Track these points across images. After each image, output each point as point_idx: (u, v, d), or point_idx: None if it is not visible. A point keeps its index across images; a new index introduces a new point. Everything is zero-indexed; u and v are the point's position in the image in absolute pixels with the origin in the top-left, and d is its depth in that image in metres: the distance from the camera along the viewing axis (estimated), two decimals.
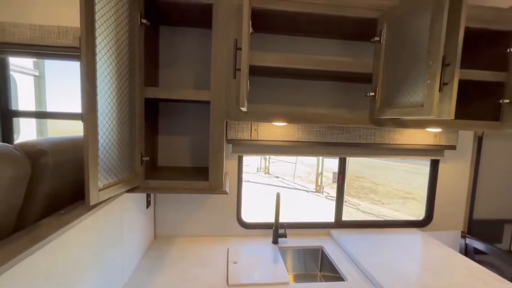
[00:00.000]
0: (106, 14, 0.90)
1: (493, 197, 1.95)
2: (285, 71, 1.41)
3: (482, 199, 1.93)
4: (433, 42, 0.96)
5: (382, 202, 8.38)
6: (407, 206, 8.23)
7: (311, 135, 1.63)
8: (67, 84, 2.22)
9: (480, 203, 1.93)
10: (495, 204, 1.95)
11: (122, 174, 1.05)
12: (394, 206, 8.17)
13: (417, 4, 1.04)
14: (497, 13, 1.32)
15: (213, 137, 1.22)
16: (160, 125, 1.60)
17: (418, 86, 1.03)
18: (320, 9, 1.22)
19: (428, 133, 1.73)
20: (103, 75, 0.90)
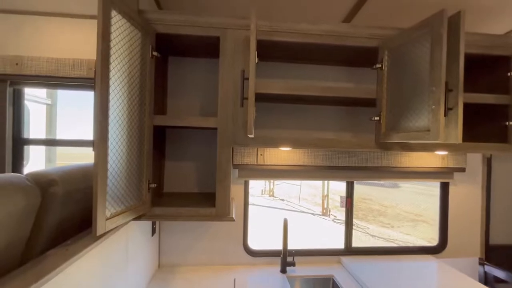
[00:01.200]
0: (120, 49, 0.95)
1: (509, 221, 1.88)
2: (290, 97, 1.44)
3: (497, 223, 1.86)
4: (435, 70, 0.99)
5: (392, 225, 8.10)
6: (418, 229, 7.93)
7: (317, 159, 1.63)
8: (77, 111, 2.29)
9: (495, 227, 1.85)
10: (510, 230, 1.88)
11: (130, 202, 1.04)
12: (405, 229, 7.88)
13: (417, 34, 1.08)
14: (494, 39, 1.36)
15: (220, 163, 1.22)
16: (167, 150, 1.62)
17: (423, 111, 1.04)
18: (322, 40, 1.28)
19: (436, 155, 1.72)
20: (115, 105, 0.93)
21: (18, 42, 1.53)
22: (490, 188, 1.83)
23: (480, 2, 1.39)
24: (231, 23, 1.20)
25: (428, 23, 1.02)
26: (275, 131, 1.63)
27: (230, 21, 1.20)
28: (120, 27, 0.95)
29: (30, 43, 1.52)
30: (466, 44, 1.35)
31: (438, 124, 0.97)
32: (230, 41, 1.21)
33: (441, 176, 1.75)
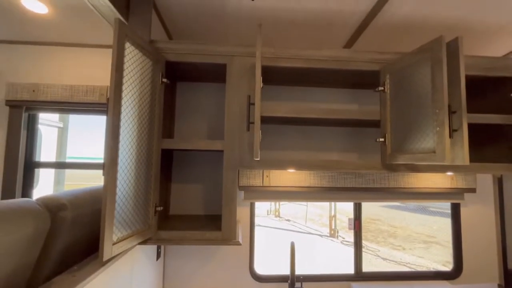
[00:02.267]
0: (132, 77, 1.00)
1: None
2: (296, 119, 1.47)
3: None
4: (437, 92, 1.01)
5: (403, 247, 7.78)
6: (431, 251, 7.59)
7: (323, 180, 1.62)
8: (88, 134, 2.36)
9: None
10: None
11: (136, 226, 1.05)
12: (417, 251, 7.54)
13: (417, 59, 1.12)
14: (494, 62, 1.39)
15: (226, 186, 1.23)
16: (174, 173, 1.63)
17: (428, 133, 1.05)
18: (325, 64, 1.32)
19: (444, 175, 1.69)
20: (126, 130, 0.97)
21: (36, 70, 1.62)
22: (503, 209, 1.78)
23: (476, 26, 1.44)
24: (237, 51, 1.26)
25: (428, 48, 1.06)
26: (281, 152, 1.64)
27: (236, 49, 1.26)
28: (133, 57, 1.01)
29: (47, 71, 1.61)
30: (467, 67, 1.39)
31: (443, 145, 0.97)
32: (236, 67, 1.26)
33: (451, 196, 1.71)
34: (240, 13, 1.35)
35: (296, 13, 1.34)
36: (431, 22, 1.40)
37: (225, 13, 1.35)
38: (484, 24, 1.42)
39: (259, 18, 1.39)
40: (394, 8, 1.28)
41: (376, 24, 1.42)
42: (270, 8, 1.30)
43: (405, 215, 11.70)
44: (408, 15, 1.34)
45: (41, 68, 1.63)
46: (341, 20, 1.40)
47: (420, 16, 1.35)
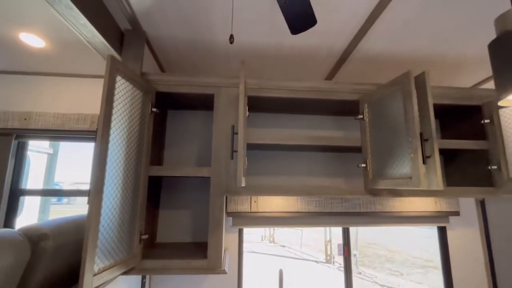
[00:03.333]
0: (122, 108, 1.05)
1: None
2: (282, 146, 1.52)
3: (502, 267, 1.78)
4: (409, 122, 1.08)
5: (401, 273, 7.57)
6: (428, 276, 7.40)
7: (310, 205, 1.64)
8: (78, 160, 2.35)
9: (502, 272, 1.77)
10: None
11: (120, 256, 1.03)
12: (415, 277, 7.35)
13: (390, 90, 1.21)
14: (463, 92, 1.50)
15: (212, 212, 1.24)
16: (162, 199, 1.63)
17: (404, 159, 1.10)
18: (307, 95, 1.41)
19: (428, 199, 1.74)
20: (113, 159, 0.99)
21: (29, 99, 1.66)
22: (488, 231, 1.80)
23: (442, 60, 1.57)
24: (224, 82, 1.34)
25: (399, 82, 1.15)
26: (268, 178, 1.67)
27: (223, 81, 1.34)
28: (124, 89, 1.07)
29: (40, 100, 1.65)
30: (440, 96, 1.49)
31: (418, 171, 1.02)
32: (224, 97, 1.33)
33: (436, 220, 1.74)
34: (228, 48, 1.45)
35: (281, 48, 1.45)
36: (403, 58, 1.53)
37: (214, 48, 1.45)
38: (449, 59, 1.55)
39: (247, 53, 1.49)
40: (368, 45, 1.40)
41: (354, 58, 1.54)
42: (257, 44, 1.41)
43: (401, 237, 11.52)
44: (382, 51, 1.46)
45: (35, 97, 1.68)
46: (322, 55, 1.51)
47: (392, 52, 1.47)
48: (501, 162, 1.38)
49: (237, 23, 1.24)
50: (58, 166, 2.53)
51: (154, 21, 1.23)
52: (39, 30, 1.31)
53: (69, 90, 1.67)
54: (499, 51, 0.67)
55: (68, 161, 7.32)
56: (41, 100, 1.67)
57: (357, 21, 1.23)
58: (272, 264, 7.64)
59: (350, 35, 1.34)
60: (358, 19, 1.21)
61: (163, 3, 1.13)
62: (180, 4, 1.13)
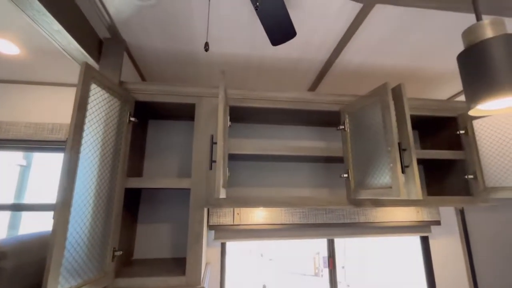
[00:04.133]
0: (97, 116, 1.01)
1: (495, 272, 1.83)
2: (265, 157, 1.50)
3: (483, 274, 1.80)
4: (388, 132, 1.10)
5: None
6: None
7: (294, 216, 1.62)
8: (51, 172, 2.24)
9: (483, 279, 1.79)
10: (500, 280, 1.81)
11: (89, 274, 0.96)
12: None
13: (369, 101, 1.23)
14: (440, 104, 1.56)
15: (192, 226, 1.19)
16: (141, 212, 1.56)
17: (384, 169, 1.11)
18: (289, 105, 1.41)
19: (410, 209, 1.75)
20: (84, 170, 0.94)
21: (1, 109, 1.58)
22: (468, 239, 1.83)
23: (419, 73, 1.63)
24: (206, 92, 1.33)
25: (377, 93, 1.17)
26: (252, 189, 1.64)
27: (204, 90, 1.33)
28: (99, 97, 1.03)
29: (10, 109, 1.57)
30: (418, 108, 1.54)
31: (397, 181, 1.03)
32: (205, 107, 1.31)
33: (419, 230, 1.75)
34: (210, 59, 1.45)
35: (264, 59, 1.46)
36: (383, 71, 1.58)
37: (196, 59, 1.44)
38: (426, 73, 1.62)
39: (229, 63, 1.49)
40: (348, 57, 1.44)
41: (335, 70, 1.57)
42: (240, 55, 1.41)
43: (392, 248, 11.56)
44: (361, 64, 1.51)
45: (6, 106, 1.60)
46: (304, 67, 1.54)
47: (372, 65, 1.52)
48: (477, 172, 1.42)
49: (219, 34, 1.25)
50: (31, 178, 2.39)
51: (134, 30, 1.22)
52: (13, 36, 1.26)
53: (43, 99, 1.60)
54: (466, 62, 0.70)
55: (44, 173, 6.95)
56: (12, 109, 1.59)
57: (336, 35, 1.26)
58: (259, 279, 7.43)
59: (330, 48, 1.37)
60: (336, 34, 1.25)
61: (143, 13, 1.12)
62: (159, 14, 1.12)
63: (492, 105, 0.71)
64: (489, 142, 1.39)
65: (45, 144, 1.56)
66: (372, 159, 1.19)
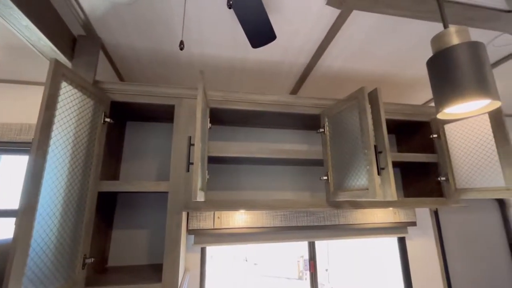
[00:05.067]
0: (67, 116, 0.96)
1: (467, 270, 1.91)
2: (246, 159, 1.49)
3: (456, 273, 1.88)
4: (364, 135, 1.12)
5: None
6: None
7: (276, 219, 1.61)
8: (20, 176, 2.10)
9: (456, 278, 1.86)
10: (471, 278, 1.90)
11: (55, 284, 0.90)
12: None
13: (347, 105, 1.26)
14: (415, 108, 1.62)
15: (170, 230, 1.16)
16: (117, 217, 1.49)
17: (361, 171, 1.14)
18: (270, 108, 1.42)
19: (388, 210, 1.80)
20: (52, 173, 0.89)
21: None
22: (442, 239, 1.91)
23: (397, 79, 1.69)
24: (186, 93, 1.30)
25: (354, 97, 1.20)
26: (232, 192, 1.62)
27: (185, 92, 1.30)
28: (70, 96, 0.98)
29: None
30: (393, 112, 1.59)
31: (373, 182, 1.05)
32: (185, 109, 1.29)
33: (396, 231, 1.80)
34: (193, 60, 1.43)
35: (246, 62, 1.46)
36: (362, 76, 1.62)
37: (177, 59, 1.42)
38: (403, 78, 1.68)
39: (211, 65, 1.48)
40: (328, 62, 1.47)
41: (316, 74, 1.60)
42: (222, 57, 1.40)
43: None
44: (341, 68, 1.54)
45: None
46: (285, 70, 1.56)
47: (351, 69, 1.56)
48: (449, 174, 1.49)
49: (199, 35, 1.23)
50: None
51: (110, 28, 1.18)
52: None
53: (11, 98, 1.51)
54: (434, 68, 0.73)
55: (12, 177, 6.38)
56: None
57: (316, 40, 1.29)
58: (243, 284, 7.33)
59: (310, 52, 1.39)
60: (316, 38, 1.27)
61: (119, 11, 1.08)
62: (137, 13, 1.09)
63: (458, 109, 0.74)
64: (460, 146, 1.46)
65: (13, 146, 1.46)
66: (350, 161, 1.21)
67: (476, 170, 1.37)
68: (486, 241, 2.00)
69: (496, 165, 1.29)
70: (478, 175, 1.36)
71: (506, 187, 1.25)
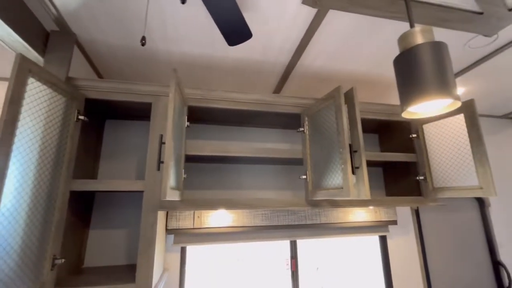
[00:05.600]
0: (35, 113, 0.94)
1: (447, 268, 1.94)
2: (227, 158, 1.48)
3: (436, 272, 1.91)
4: (340, 134, 1.13)
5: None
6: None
7: (256, 218, 1.61)
8: None
9: (435, 276, 1.89)
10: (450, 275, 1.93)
11: (20, 286, 0.88)
12: None
13: (325, 104, 1.26)
14: (395, 108, 1.64)
15: (144, 230, 1.14)
16: (94, 217, 1.47)
17: (337, 170, 1.14)
18: (251, 107, 1.41)
19: (369, 209, 1.82)
20: (17, 171, 0.86)
21: None
22: (423, 239, 1.93)
23: (378, 79, 1.71)
24: (163, 91, 1.29)
25: (331, 96, 1.21)
26: (212, 192, 1.60)
27: (161, 89, 1.29)
28: (38, 93, 0.96)
29: None
30: (375, 112, 1.60)
31: (348, 182, 1.06)
32: (162, 106, 1.27)
33: (377, 229, 1.82)
34: (171, 58, 1.42)
35: (226, 60, 1.46)
36: (342, 74, 1.63)
37: (155, 57, 1.40)
38: (385, 79, 1.70)
39: (190, 63, 1.46)
40: (309, 61, 1.48)
41: (297, 73, 1.60)
42: (202, 55, 1.39)
43: None
44: (322, 68, 1.55)
45: None
46: (267, 69, 1.55)
47: (332, 69, 1.56)
48: (427, 173, 1.51)
49: (176, 33, 1.22)
50: None
51: (84, 23, 1.15)
52: None
53: None
54: (400, 67, 0.73)
55: None
56: None
57: (295, 38, 1.29)
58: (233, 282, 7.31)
59: (290, 51, 1.39)
60: (295, 36, 1.27)
61: (92, 6, 1.06)
62: (110, 8, 1.07)
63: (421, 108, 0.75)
64: (437, 145, 1.49)
65: None
66: (327, 160, 1.21)
67: (453, 169, 1.40)
68: (466, 240, 2.04)
69: (471, 165, 1.32)
70: (454, 174, 1.38)
71: (480, 186, 1.27)
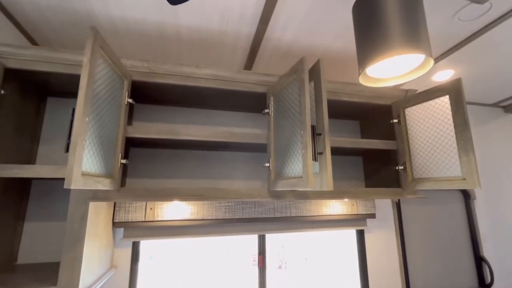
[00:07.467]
0: None
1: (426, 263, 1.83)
2: (182, 143, 1.31)
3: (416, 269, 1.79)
4: (302, 114, 0.96)
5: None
6: None
7: (218, 211, 1.45)
8: None
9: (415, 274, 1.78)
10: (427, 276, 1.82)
11: None
12: None
13: (289, 80, 1.08)
14: (375, 90, 1.47)
15: (71, 223, 0.97)
16: (30, 208, 1.29)
17: (297, 157, 0.97)
18: (207, 83, 1.23)
19: (346, 202, 1.67)
20: None
21: None
22: (403, 233, 1.81)
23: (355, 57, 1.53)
24: None
25: (295, 70, 1.03)
26: (166, 181, 1.43)
27: None
28: None
29: None
30: (352, 94, 1.43)
31: (307, 169, 0.90)
32: None
33: (354, 223, 1.68)
34: (114, 25, 1.21)
35: (179, 29, 1.26)
36: (317, 50, 1.44)
37: (98, 24, 1.20)
38: None
39: (139, 31, 1.26)
40: (277, 34, 1.29)
41: (267, 49, 1.41)
42: (151, 22, 1.19)
43: None
44: (294, 42, 1.36)
45: None
46: (231, 42, 1.36)
47: (302, 44, 1.37)
48: (407, 163, 1.36)
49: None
50: None
51: None
52: None
53: None
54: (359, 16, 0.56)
55: None
56: None
57: (255, 2, 1.09)
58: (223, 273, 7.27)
59: (254, 20, 1.20)
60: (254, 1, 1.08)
61: None
62: None
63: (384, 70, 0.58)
64: (419, 132, 1.33)
65: None
66: (289, 145, 1.04)
67: (434, 158, 1.24)
68: (449, 234, 1.92)
69: (454, 153, 1.16)
70: (435, 164, 1.23)
71: (463, 177, 1.12)
